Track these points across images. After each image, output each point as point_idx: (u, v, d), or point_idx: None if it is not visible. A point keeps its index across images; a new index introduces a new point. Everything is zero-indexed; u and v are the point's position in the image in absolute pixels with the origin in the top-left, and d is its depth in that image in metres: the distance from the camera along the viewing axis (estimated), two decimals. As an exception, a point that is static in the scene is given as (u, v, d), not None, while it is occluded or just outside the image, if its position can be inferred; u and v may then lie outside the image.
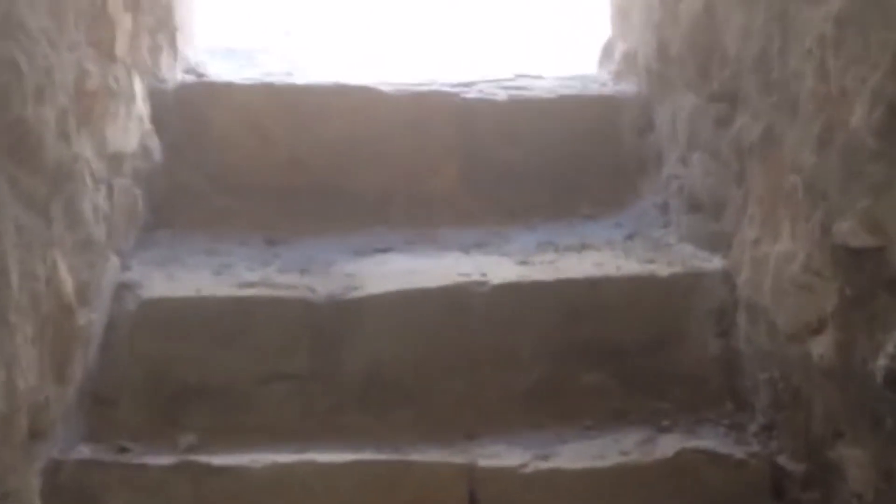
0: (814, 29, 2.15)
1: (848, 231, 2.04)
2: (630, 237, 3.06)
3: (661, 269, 2.71)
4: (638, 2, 3.46)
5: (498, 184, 3.39)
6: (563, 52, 4.90)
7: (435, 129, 3.42)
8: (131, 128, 2.85)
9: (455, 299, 2.65)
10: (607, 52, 4.04)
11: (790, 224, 2.30)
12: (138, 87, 2.97)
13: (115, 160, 2.70)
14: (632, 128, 3.39)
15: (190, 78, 3.67)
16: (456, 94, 3.47)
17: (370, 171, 3.39)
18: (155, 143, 3.17)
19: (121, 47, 2.76)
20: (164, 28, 3.45)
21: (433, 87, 3.53)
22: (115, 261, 2.66)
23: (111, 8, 2.65)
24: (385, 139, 3.40)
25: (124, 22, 2.80)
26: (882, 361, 1.92)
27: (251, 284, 2.73)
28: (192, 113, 3.40)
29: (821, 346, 2.17)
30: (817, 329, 2.19)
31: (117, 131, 2.71)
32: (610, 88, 3.55)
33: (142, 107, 3.00)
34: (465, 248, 3.05)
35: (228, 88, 3.47)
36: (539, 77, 3.94)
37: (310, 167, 3.40)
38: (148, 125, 3.08)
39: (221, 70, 5.44)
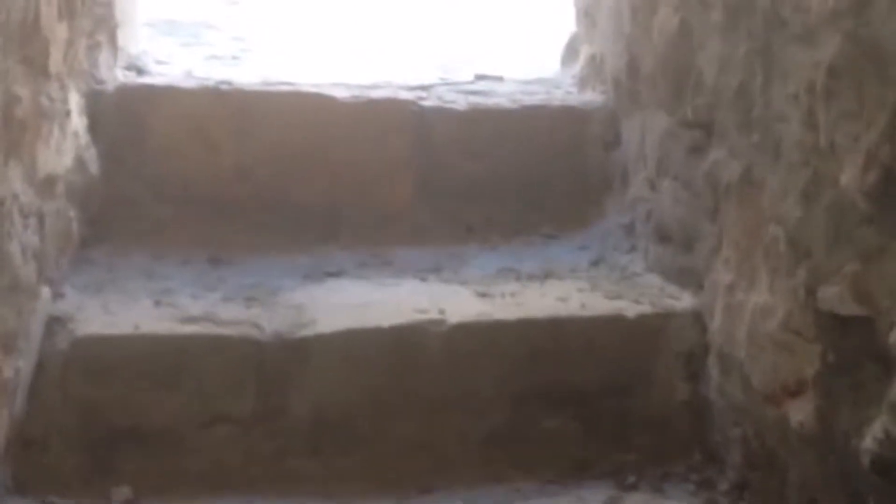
0: (802, 73, 2.00)
1: (834, 297, 1.90)
2: (595, 263, 2.91)
3: (629, 309, 2.56)
4: (605, 6, 3.29)
5: (456, 198, 3.23)
6: (526, 49, 4.75)
7: (390, 139, 3.24)
8: (65, 147, 2.65)
9: (411, 339, 2.49)
10: (571, 51, 3.88)
11: (769, 276, 2.16)
12: (74, 101, 2.77)
13: (46, 184, 2.50)
14: (597, 142, 3.24)
15: (131, 76, 3.47)
16: (413, 102, 3.29)
17: (321, 182, 3.21)
18: (91, 155, 2.97)
19: (55, 62, 2.55)
20: (103, 25, 3.23)
21: (389, 94, 3.35)
22: (46, 294, 2.47)
23: (44, 21, 2.44)
24: (337, 149, 3.22)
25: (59, 32, 2.59)
26: (869, 444, 1.79)
27: (194, 319, 2.54)
28: (132, 117, 3.20)
29: (800, 413, 2.04)
30: (795, 392, 2.06)
31: (50, 154, 2.51)
32: (575, 98, 3.38)
33: (77, 121, 2.79)
34: (422, 273, 2.89)
35: (171, 92, 3.26)
36: (500, 79, 3.78)
37: (257, 177, 3.21)
38: (84, 137, 2.88)
39: (164, 52, 5.23)
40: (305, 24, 6.86)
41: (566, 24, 4.07)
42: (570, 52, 3.90)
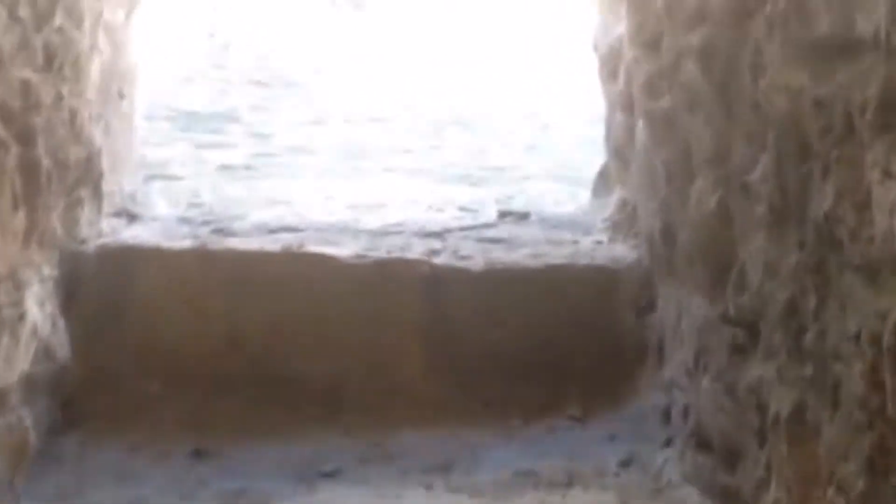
0: (865, 316, 1.65)
1: None
2: (626, 463, 2.55)
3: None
4: (639, 151, 2.95)
5: (471, 370, 2.89)
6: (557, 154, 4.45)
7: (399, 305, 2.91)
8: (18, 354, 2.35)
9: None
10: (602, 182, 3.56)
11: (828, 544, 1.79)
12: (32, 296, 2.46)
13: (-6, 399, 2.20)
14: (629, 307, 2.90)
15: (120, 225, 3.19)
16: (424, 262, 2.96)
17: (321, 353, 2.89)
18: (60, 339, 2.67)
19: (5, 263, 2.25)
20: (86, 180, 2.95)
21: (400, 244, 3.03)
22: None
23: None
24: (340, 316, 2.90)
25: (13, 225, 2.30)
26: None
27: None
28: (114, 283, 2.91)
29: None
30: None
31: (-4, 366, 2.21)
32: (605, 252, 3.03)
33: (38, 313, 2.49)
34: (429, 474, 2.55)
35: (157, 253, 2.96)
36: (525, 216, 3.46)
37: (250, 347, 2.90)
38: (47, 328, 2.57)
39: (176, 157, 4.97)
40: (329, 113, 6.61)
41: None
42: (602, 184, 3.57)
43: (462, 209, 3.76)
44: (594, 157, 5.46)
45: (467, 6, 15.17)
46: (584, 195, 4.42)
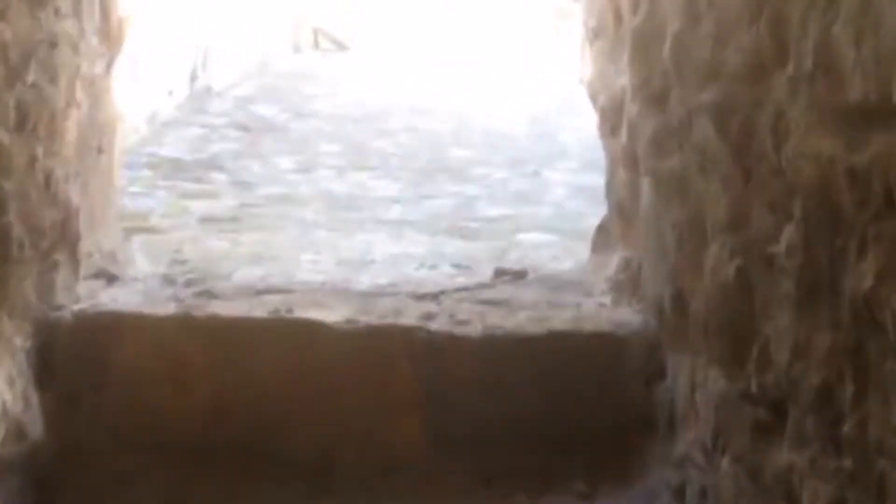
0: (915, 411, 1.50)
1: None
2: (638, 551, 2.39)
3: None
4: (643, 210, 2.81)
5: (472, 444, 2.73)
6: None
7: (394, 374, 2.76)
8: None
9: None
10: (602, 238, 3.42)
11: None
12: (2, 374, 2.31)
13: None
14: (637, 375, 2.74)
15: (97, 288, 3.03)
16: (419, 328, 2.80)
17: (311, 425, 2.74)
18: (33, 415, 2.52)
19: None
20: (62, 242, 2.80)
21: (394, 306, 2.88)
22: None
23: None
24: (331, 385, 2.75)
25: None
26: None
27: None
28: (92, 351, 2.75)
29: None
30: None
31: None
32: (609, 317, 2.88)
33: (7, 393, 2.33)
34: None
35: (137, 320, 2.80)
36: (523, 275, 3.32)
37: (236, 419, 2.74)
38: (18, 407, 2.42)
39: (158, 207, 4.81)
40: (314, 160, 6.46)
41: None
42: (602, 240, 3.43)
43: (456, 266, 3.62)
44: (587, 208, 5.36)
45: (452, 47, 15.16)
46: (581, 249, 4.28)
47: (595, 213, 5.18)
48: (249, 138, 7.23)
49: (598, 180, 6.10)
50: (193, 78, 8.59)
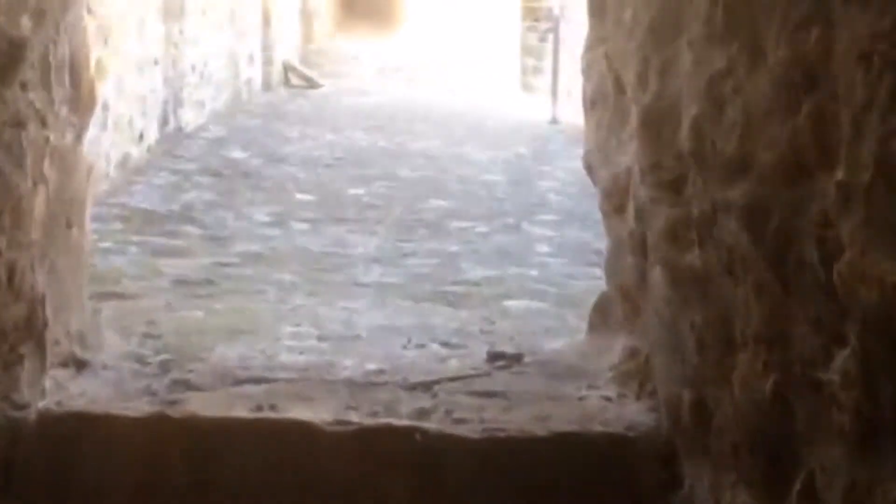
0: None
1: None
2: None
3: None
4: (655, 301, 2.62)
5: (470, 557, 2.52)
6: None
7: (386, 481, 2.54)
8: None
9: None
10: (602, 318, 3.23)
11: None
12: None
13: None
14: (651, 482, 2.54)
15: (65, 378, 2.81)
16: (415, 429, 2.59)
17: (298, 537, 2.51)
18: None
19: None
20: (26, 334, 2.58)
21: (383, 422, 2.63)
22: None
23: None
24: (318, 495, 2.53)
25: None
26: None
27: None
28: (59, 455, 2.52)
29: None
30: None
31: None
32: (616, 415, 2.68)
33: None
34: None
35: (109, 420, 2.58)
36: (518, 359, 3.13)
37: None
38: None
39: (132, 265, 4.56)
40: (289, 211, 6.22)
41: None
42: (600, 320, 3.24)
43: (446, 345, 3.42)
44: (574, 268, 5.19)
45: (422, 83, 14.99)
46: (573, 319, 4.10)
47: (582, 274, 5.05)
48: (222, 186, 7.02)
49: (580, 235, 6.00)
50: (164, 121, 8.37)
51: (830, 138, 1.78)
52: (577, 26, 13.07)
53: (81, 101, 3.05)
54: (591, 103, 3.27)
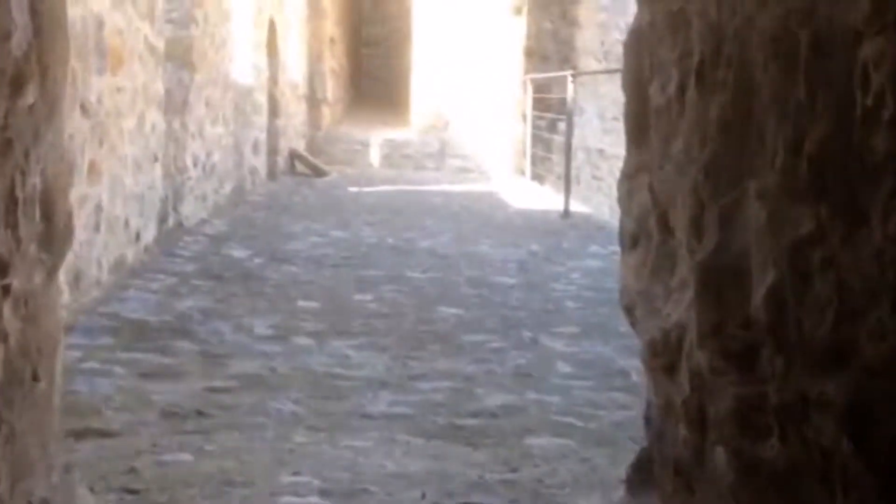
0: None
1: None
2: None
3: None
4: (716, 485, 2.22)
5: None
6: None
7: None
8: None
9: None
10: (642, 480, 2.84)
11: None
12: None
13: None
14: None
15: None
16: None
17: None
18: None
19: None
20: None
21: None
22: None
23: None
24: None
25: None
26: None
27: None
28: None
29: None
30: None
31: None
32: None
33: None
34: None
35: None
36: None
37: None
38: None
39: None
40: (291, 323, 5.71)
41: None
42: (640, 484, 2.85)
43: (465, 506, 3.01)
44: (598, 394, 4.77)
45: (436, 177, 14.73)
46: (601, 460, 3.73)
47: (607, 402, 4.63)
48: (221, 291, 6.62)
49: (602, 352, 5.58)
50: (163, 218, 8.02)
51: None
52: (589, 118, 12.84)
53: (55, 236, 2.69)
54: (632, 240, 2.89)
